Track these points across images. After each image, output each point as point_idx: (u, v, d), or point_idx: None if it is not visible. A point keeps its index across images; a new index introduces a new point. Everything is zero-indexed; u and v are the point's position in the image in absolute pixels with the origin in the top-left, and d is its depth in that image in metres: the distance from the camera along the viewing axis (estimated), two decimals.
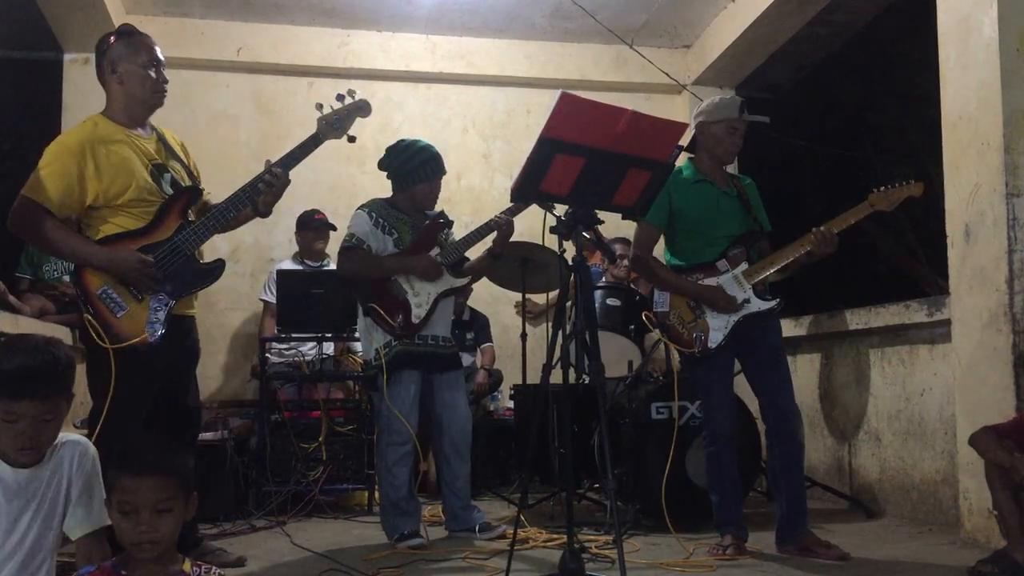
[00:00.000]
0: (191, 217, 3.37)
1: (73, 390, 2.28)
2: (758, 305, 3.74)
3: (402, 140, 4.26)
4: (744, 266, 3.77)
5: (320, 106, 3.50)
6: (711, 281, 3.76)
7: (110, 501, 2.02)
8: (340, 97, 3.52)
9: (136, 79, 3.30)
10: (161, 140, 3.43)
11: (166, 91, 3.41)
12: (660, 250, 3.94)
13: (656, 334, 4.98)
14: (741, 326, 3.72)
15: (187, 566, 2.04)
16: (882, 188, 3.71)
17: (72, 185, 3.14)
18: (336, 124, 3.49)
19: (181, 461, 2.08)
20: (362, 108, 3.55)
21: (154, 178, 3.30)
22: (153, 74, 3.32)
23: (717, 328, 3.71)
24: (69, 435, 2.33)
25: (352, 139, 3.52)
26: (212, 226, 3.31)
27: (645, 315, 3.92)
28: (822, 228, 3.67)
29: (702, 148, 3.87)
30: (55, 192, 3.11)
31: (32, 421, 2.13)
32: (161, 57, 3.38)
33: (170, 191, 3.33)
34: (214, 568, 2.10)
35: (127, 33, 3.35)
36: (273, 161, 3.41)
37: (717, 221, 3.80)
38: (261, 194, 3.38)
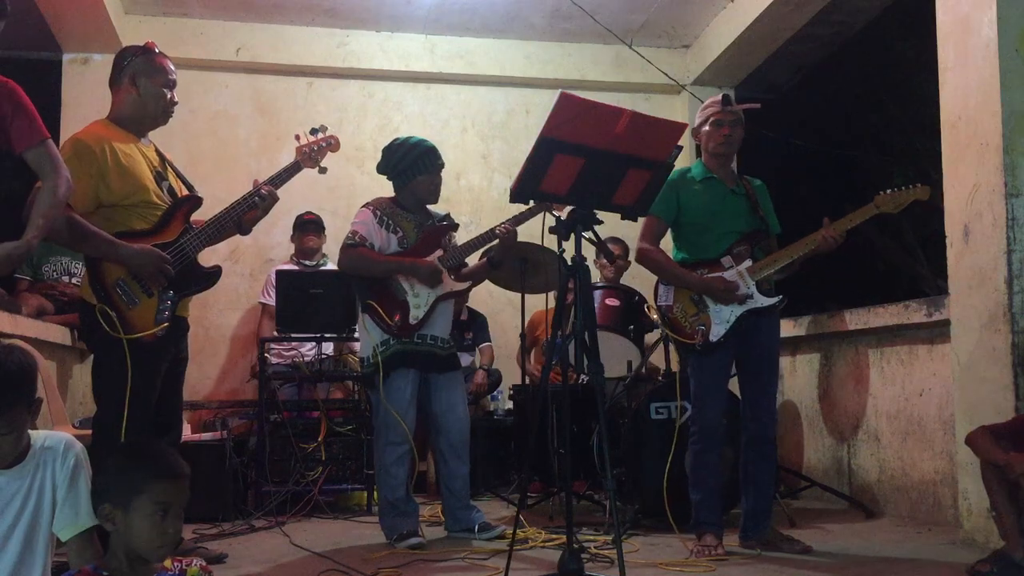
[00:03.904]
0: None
1: (39, 394, 2.23)
2: (761, 300, 3.77)
3: (395, 139, 4.27)
4: (748, 263, 3.81)
5: (298, 136, 3.75)
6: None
7: (129, 504, 1.97)
8: (314, 131, 3.77)
9: (153, 96, 3.44)
10: (158, 152, 3.56)
11: (173, 112, 3.55)
12: (666, 245, 3.97)
13: (656, 334, 5.01)
14: (742, 323, 3.74)
15: (168, 562, 2.03)
16: (889, 191, 3.73)
17: (89, 181, 3.23)
18: (312, 156, 3.74)
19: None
20: (331, 144, 3.80)
21: (158, 184, 3.43)
22: (168, 95, 3.47)
23: (719, 322, 3.75)
24: (52, 433, 2.28)
25: (323, 170, 3.79)
26: (213, 233, 3.46)
27: (647, 307, 3.94)
28: (829, 230, 3.72)
29: (703, 150, 3.97)
30: (74, 186, 3.15)
31: None
32: (176, 80, 3.52)
33: (168, 198, 3.44)
34: (195, 560, 2.09)
35: (150, 51, 3.48)
36: (262, 181, 3.59)
37: (723, 218, 3.85)
38: (253, 208, 3.55)
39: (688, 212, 3.85)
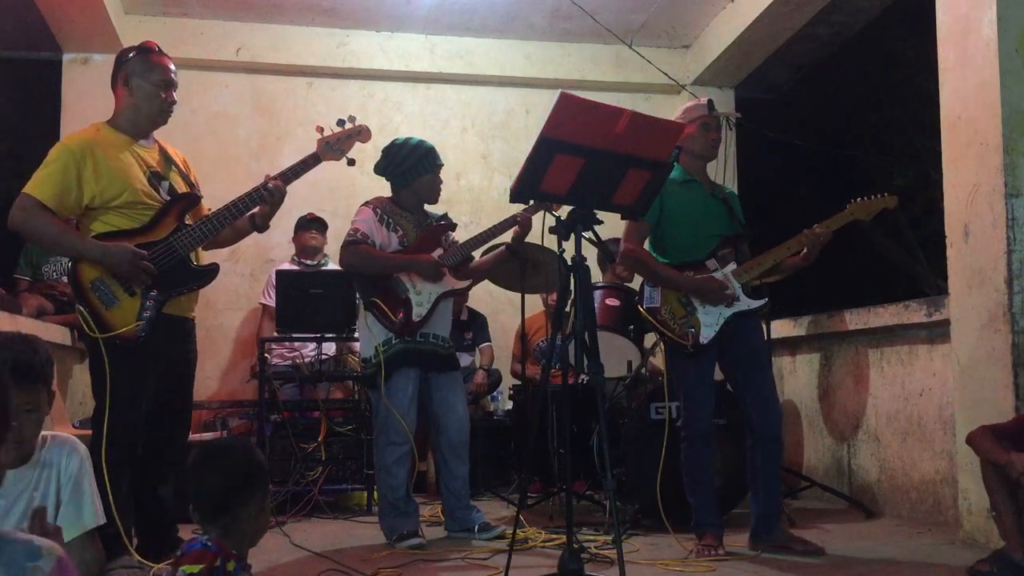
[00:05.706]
0: (188, 221, 3.42)
1: (53, 388, 2.27)
2: (747, 303, 3.79)
3: (395, 140, 4.28)
4: (733, 265, 3.82)
5: (321, 129, 3.64)
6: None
7: (266, 491, 2.12)
8: (341, 122, 3.67)
9: (146, 96, 3.38)
10: (162, 152, 3.50)
11: (172, 112, 3.48)
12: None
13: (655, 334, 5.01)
14: (728, 325, 3.75)
15: None
16: (860, 198, 3.84)
17: (70, 185, 3.23)
18: (336, 147, 3.64)
19: None
20: (361, 133, 3.69)
21: (152, 184, 3.37)
22: (163, 94, 3.41)
23: (709, 324, 3.75)
24: (57, 434, 2.29)
25: (351, 162, 3.69)
26: (208, 230, 3.39)
27: (639, 308, 3.94)
28: (812, 230, 3.77)
29: (684, 151, 3.91)
30: (53, 190, 3.20)
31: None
32: (174, 79, 3.45)
33: (166, 198, 3.40)
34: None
35: (147, 50, 3.43)
36: (272, 175, 3.50)
37: (706, 220, 3.86)
38: (260, 203, 3.47)
39: (672, 215, 3.84)
